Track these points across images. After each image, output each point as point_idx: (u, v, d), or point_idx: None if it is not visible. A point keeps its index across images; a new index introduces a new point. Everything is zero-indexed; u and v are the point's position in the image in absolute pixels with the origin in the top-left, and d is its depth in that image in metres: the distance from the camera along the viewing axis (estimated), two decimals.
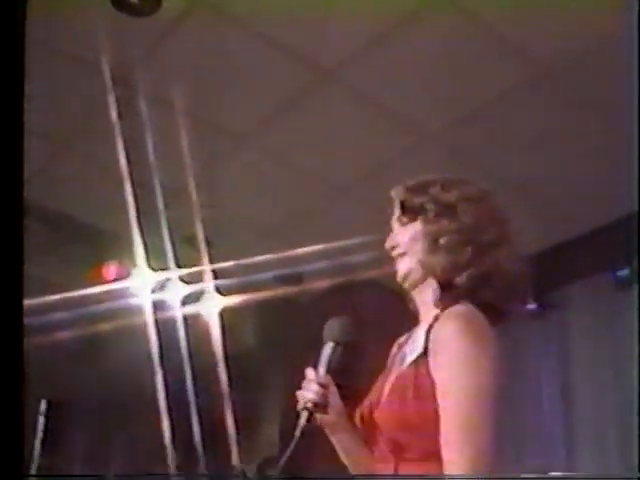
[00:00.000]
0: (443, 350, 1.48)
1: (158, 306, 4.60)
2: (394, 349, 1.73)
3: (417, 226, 1.67)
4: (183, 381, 5.01)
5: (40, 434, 2.27)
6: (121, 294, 4.50)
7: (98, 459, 5.33)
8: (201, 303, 4.72)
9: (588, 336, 4.82)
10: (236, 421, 5.11)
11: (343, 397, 1.62)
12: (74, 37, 3.50)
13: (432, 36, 3.39)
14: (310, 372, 1.59)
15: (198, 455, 5.09)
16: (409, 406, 1.48)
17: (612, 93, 3.37)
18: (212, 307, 4.72)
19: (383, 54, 3.52)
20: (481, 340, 1.49)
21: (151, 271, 4.36)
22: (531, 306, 5.05)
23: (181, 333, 4.75)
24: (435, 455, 1.44)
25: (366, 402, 1.64)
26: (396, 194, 1.75)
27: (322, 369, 1.58)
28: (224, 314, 4.76)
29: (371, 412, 1.59)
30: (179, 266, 4.27)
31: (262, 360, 5.45)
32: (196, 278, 4.41)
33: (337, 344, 1.60)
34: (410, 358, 1.56)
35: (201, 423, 5.16)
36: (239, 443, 5.14)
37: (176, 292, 4.56)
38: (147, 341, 4.61)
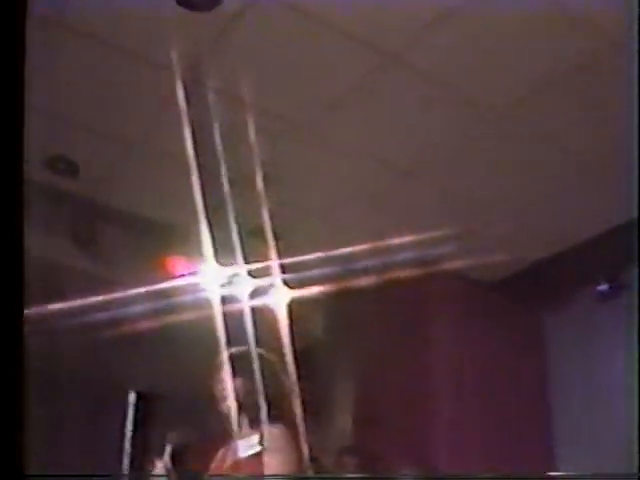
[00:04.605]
0: (274, 447, 2.54)
1: (226, 300, 4.61)
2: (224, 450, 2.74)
3: (243, 382, 2.76)
4: (251, 374, 5.01)
5: (130, 425, 2.51)
6: (189, 289, 4.52)
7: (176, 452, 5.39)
8: (269, 296, 4.71)
9: None
10: (305, 412, 5.11)
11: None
12: (137, 34, 3.53)
13: (497, 13, 3.33)
14: (158, 462, 2.57)
15: None
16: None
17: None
18: (280, 299, 4.71)
19: (449, 35, 3.47)
20: (290, 441, 2.58)
21: (219, 266, 4.36)
22: (602, 287, 4.97)
23: (249, 326, 4.75)
24: None
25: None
26: (230, 357, 2.84)
27: (166, 457, 2.56)
28: (292, 306, 4.74)
29: None
30: (247, 260, 4.27)
31: (331, 352, 5.43)
32: (264, 272, 4.41)
33: (174, 446, 2.58)
34: (248, 452, 2.56)
35: (269, 415, 5.17)
36: (308, 434, 5.14)
37: (244, 286, 4.56)
38: (215, 334, 4.62)
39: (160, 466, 2.58)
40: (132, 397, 2.61)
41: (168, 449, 2.58)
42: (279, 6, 3.39)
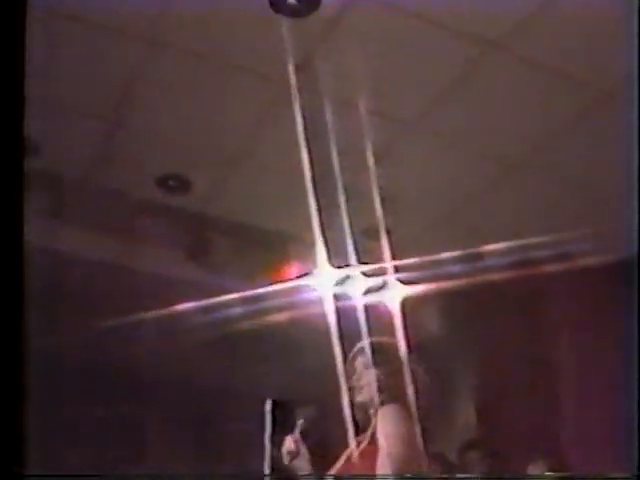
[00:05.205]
0: (382, 423, 2.51)
1: (340, 299, 4.63)
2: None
3: (375, 373, 2.69)
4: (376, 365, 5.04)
5: (269, 431, 2.59)
6: (303, 292, 4.57)
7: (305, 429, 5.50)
8: (382, 293, 4.70)
9: None
10: (426, 408, 5.09)
11: (311, 451, 2.63)
12: (240, 46, 3.59)
13: None
14: (289, 437, 2.63)
15: None
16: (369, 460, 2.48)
17: None
18: (394, 297, 4.69)
19: (548, 18, 3.41)
20: (402, 416, 2.55)
21: (333, 268, 4.38)
22: None
23: (362, 325, 4.76)
24: None
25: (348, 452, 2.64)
26: (362, 350, 2.81)
27: (296, 432, 2.63)
28: (406, 302, 4.73)
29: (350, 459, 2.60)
30: (360, 262, 4.28)
31: (449, 347, 5.40)
32: (378, 271, 4.41)
33: (304, 420, 2.66)
34: (366, 442, 2.57)
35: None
36: (431, 430, 5.13)
37: (357, 286, 4.56)
38: (328, 335, 4.66)
39: (290, 440, 2.63)
40: (268, 405, 2.67)
41: (299, 424, 2.64)
42: (375, 5, 3.39)
